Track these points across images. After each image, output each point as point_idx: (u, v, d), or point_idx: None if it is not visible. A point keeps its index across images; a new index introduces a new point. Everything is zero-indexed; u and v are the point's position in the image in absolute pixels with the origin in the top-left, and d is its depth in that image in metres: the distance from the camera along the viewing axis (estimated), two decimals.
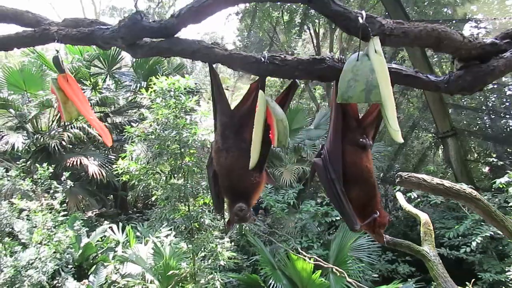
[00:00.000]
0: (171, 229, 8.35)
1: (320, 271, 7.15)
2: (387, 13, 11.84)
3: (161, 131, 7.44)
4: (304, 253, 8.22)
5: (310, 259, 7.37)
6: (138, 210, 11.89)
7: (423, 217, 3.87)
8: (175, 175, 7.67)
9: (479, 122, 12.09)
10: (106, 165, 10.02)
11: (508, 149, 10.52)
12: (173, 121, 7.43)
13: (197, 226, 7.71)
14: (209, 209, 7.59)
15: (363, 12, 1.35)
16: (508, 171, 8.07)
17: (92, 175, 9.50)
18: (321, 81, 1.67)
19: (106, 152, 10.85)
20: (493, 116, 11.59)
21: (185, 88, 7.54)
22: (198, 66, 18.18)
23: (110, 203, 11.99)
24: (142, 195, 11.82)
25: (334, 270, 7.18)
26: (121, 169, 7.69)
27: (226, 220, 1.83)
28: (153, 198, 7.80)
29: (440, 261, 3.75)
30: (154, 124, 7.56)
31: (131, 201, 11.87)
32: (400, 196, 4.39)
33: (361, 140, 1.62)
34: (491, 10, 12.22)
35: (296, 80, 1.67)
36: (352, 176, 1.61)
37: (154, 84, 7.45)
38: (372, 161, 1.65)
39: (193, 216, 7.39)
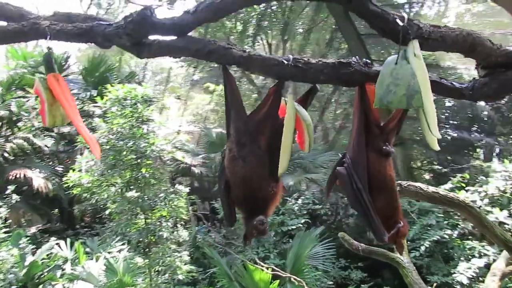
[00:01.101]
0: (124, 243, 7.98)
1: (278, 281, 7.12)
2: (336, 26, 12.26)
3: (116, 141, 7.11)
4: (261, 263, 8.17)
5: (267, 269, 7.32)
6: (86, 225, 11.24)
7: None
8: (131, 187, 7.35)
9: (421, 131, 12.76)
10: (53, 177, 9.38)
11: (449, 157, 11.14)
12: (129, 131, 7.13)
13: (154, 240, 7.44)
14: (168, 222, 7.35)
15: (404, 14, 1.31)
16: (450, 177, 8.54)
17: (37, 188, 8.85)
18: (346, 86, 1.62)
19: (52, 164, 10.19)
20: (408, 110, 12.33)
21: (142, 97, 7.28)
22: (148, 75, 17.75)
23: (56, 218, 11.25)
24: (90, 209, 11.21)
25: (291, 279, 7.21)
26: (72, 181, 7.25)
27: (243, 234, 1.70)
28: (106, 212, 7.43)
29: (414, 267, 3.82)
30: (108, 134, 7.22)
31: (78, 216, 11.21)
32: None
33: (384, 147, 1.57)
34: None
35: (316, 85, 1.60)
36: (376, 185, 1.57)
37: (108, 92, 7.12)
38: (393, 169, 1.60)
39: (150, 230, 7.10)
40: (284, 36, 13.73)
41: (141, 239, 7.32)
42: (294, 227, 9.84)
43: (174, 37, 1.54)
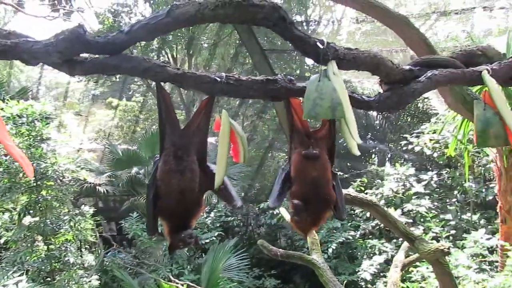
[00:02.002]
0: (22, 274, 7.27)
1: None
2: (241, 41, 12.67)
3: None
4: (176, 280, 8.05)
5: (182, 286, 7.23)
6: None
7: None
8: (30, 212, 6.76)
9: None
10: None
11: (348, 164, 12.04)
12: (26, 151, 6.58)
13: (58, 267, 6.91)
14: (77, 246, 6.89)
15: (324, 39, 1.50)
16: (351, 182, 9.27)
17: None
18: (273, 100, 1.75)
19: None
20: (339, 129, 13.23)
21: (40, 114, 6.78)
22: (42, 90, 16.45)
23: None
24: None
25: None
26: None
27: (168, 245, 1.76)
28: (1, 241, 6.72)
29: (328, 267, 4.11)
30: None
31: None
32: (284, 212, 4.68)
33: (304, 151, 1.75)
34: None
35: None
36: (299, 182, 1.74)
37: (1, 109, 6.51)
38: (326, 168, 1.78)
39: (54, 256, 6.59)
40: (190, 50, 13.79)
41: (43, 267, 6.74)
42: (207, 240, 9.82)
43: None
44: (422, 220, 7.40)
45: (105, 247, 10.52)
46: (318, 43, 1.51)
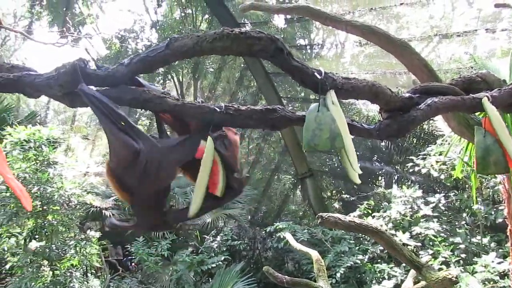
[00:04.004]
0: None
1: None
2: (245, 65, 12.83)
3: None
4: None
5: None
6: None
7: (314, 254, 4.15)
8: (36, 237, 6.76)
9: (329, 163, 13.60)
10: None
11: (355, 186, 11.95)
12: (33, 175, 6.63)
13: None
14: (83, 271, 6.84)
15: (322, 69, 1.51)
16: (358, 205, 9.17)
17: None
18: (273, 130, 1.76)
19: None
20: (339, 157, 13.11)
21: (47, 139, 6.86)
22: (50, 114, 16.69)
23: None
24: None
25: None
26: None
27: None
28: (7, 266, 6.69)
29: None
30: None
31: None
32: (290, 237, 4.63)
33: None
34: (330, 65, 14.12)
35: None
36: None
37: (9, 134, 6.59)
38: None
39: (60, 282, 6.54)
40: (195, 74, 13.97)
41: None
42: (214, 265, 9.69)
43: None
44: (431, 243, 7.26)
45: (111, 272, 10.44)
46: (315, 73, 1.52)
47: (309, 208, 12.56)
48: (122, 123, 1.52)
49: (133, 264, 11.58)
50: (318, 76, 1.51)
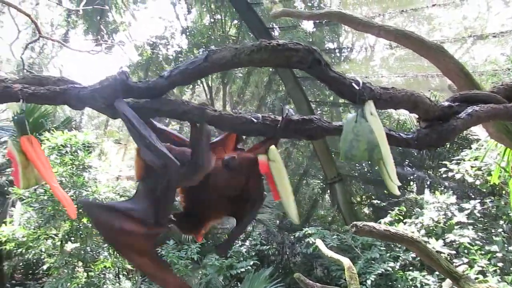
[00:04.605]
0: None
1: None
2: (274, 69, 12.83)
3: None
4: None
5: None
6: (18, 283, 10.29)
7: (346, 262, 4.10)
8: (72, 239, 6.96)
9: (359, 168, 13.40)
10: None
11: (386, 191, 11.72)
12: (69, 179, 6.85)
13: None
14: (115, 272, 7.00)
15: (359, 79, 1.50)
16: (388, 211, 8.99)
17: None
18: (309, 139, 1.76)
19: None
20: (370, 162, 12.90)
21: (83, 144, 7.07)
22: (84, 119, 17.21)
23: None
24: (22, 264, 10.34)
25: None
26: (5, 236, 6.72)
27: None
28: (44, 267, 6.93)
29: None
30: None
31: (8, 273, 10.27)
32: (320, 243, 4.59)
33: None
34: (360, 69, 13.95)
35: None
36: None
37: (47, 139, 6.84)
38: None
39: (94, 283, 6.71)
40: (224, 79, 14.09)
41: None
42: (243, 269, 9.70)
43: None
44: (466, 251, 7.04)
45: (142, 274, 10.62)
46: (353, 84, 1.51)
47: (338, 213, 12.42)
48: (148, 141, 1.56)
49: None
50: (356, 87, 1.50)
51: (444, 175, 8.68)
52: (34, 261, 8.00)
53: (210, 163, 1.62)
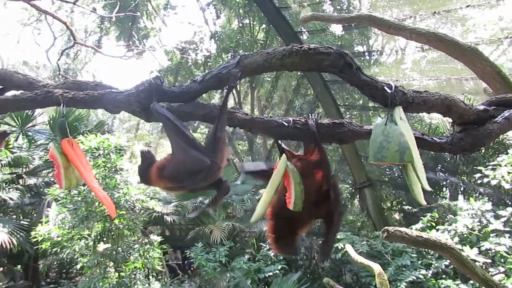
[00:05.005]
0: None
1: None
2: (302, 73, 12.78)
3: (88, 192, 6.98)
4: None
5: None
6: (52, 281, 10.64)
7: (376, 268, 4.03)
8: (104, 239, 7.15)
9: (389, 173, 13.14)
10: (18, 232, 8.91)
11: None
12: (102, 181, 7.03)
13: None
14: (145, 273, 7.13)
15: (392, 83, 1.48)
16: (419, 217, 8.76)
17: (1, 244, 8.35)
18: (340, 143, 1.75)
19: (16, 217, 9.71)
20: (400, 167, 12.61)
21: (115, 147, 7.26)
22: (116, 123, 17.65)
23: (19, 275, 10.59)
24: (56, 263, 10.67)
25: None
26: (41, 235, 6.97)
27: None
28: (78, 266, 7.13)
29: None
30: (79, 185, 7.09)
31: (43, 271, 10.63)
32: (350, 249, 4.54)
33: None
34: (390, 72, 13.71)
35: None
36: None
37: (81, 142, 7.06)
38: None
39: (125, 283, 6.85)
40: (253, 83, 14.15)
41: None
42: (270, 273, 9.68)
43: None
44: (502, 260, 6.78)
45: (170, 276, 10.78)
46: (385, 88, 1.50)
47: (367, 218, 12.21)
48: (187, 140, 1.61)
49: (191, 268, 11.87)
50: (388, 90, 1.49)
51: (479, 181, 8.40)
52: (68, 260, 8.21)
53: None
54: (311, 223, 2.00)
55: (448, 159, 11.36)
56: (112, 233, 7.19)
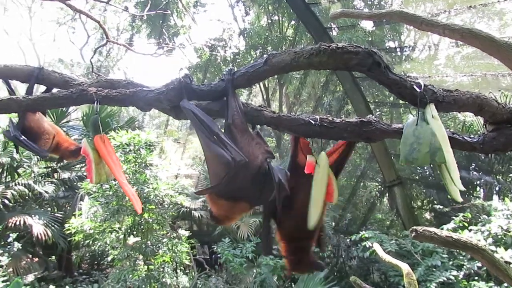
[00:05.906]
0: None
1: None
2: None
3: (119, 187, 7.16)
4: None
5: None
6: (84, 272, 11.00)
7: (405, 267, 3.96)
8: (134, 233, 7.33)
9: (420, 171, 12.86)
10: (52, 224, 9.27)
11: (449, 196, 11.14)
12: (132, 176, 7.21)
13: (156, 287, 7.33)
14: (173, 267, 7.27)
15: (421, 82, 1.46)
16: (451, 217, 8.54)
17: (37, 235, 8.71)
18: (368, 142, 1.74)
19: (51, 210, 10.10)
20: (432, 166, 12.35)
21: (145, 142, 7.42)
22: (146, 119, 18.00)
23: (53, 265, 11.01)
24: (88, 255, 11.04)
25: None
26: (74, 228, 7.22)
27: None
28: (109, 258, 7.35)
29: None
30: (110, 180, 7.30)
31: (76, 262, 11.01)
32: (378, 247, 4.48)
33: None
34: (422, 68, 13.38)
35: None
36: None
37: (113, 138, 7.25)
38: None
39: (154, 276, 7.01)
40: (281, 80, 14.11)
41: (143, 286, 7.19)
42: None
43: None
44: None
45: (198, 270, 10.94)
46: (415, 86, 1.48)
47: (397, 217, 11.99)
48: (215, 137, 1.64)
49: (218, 263, 12.00)
50: (417, 89, 1.47)
51: None
52: (100, 252, 8.47)
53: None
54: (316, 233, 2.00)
55: (483, 157, 11.00)
56: (142, 227, 7.36)
